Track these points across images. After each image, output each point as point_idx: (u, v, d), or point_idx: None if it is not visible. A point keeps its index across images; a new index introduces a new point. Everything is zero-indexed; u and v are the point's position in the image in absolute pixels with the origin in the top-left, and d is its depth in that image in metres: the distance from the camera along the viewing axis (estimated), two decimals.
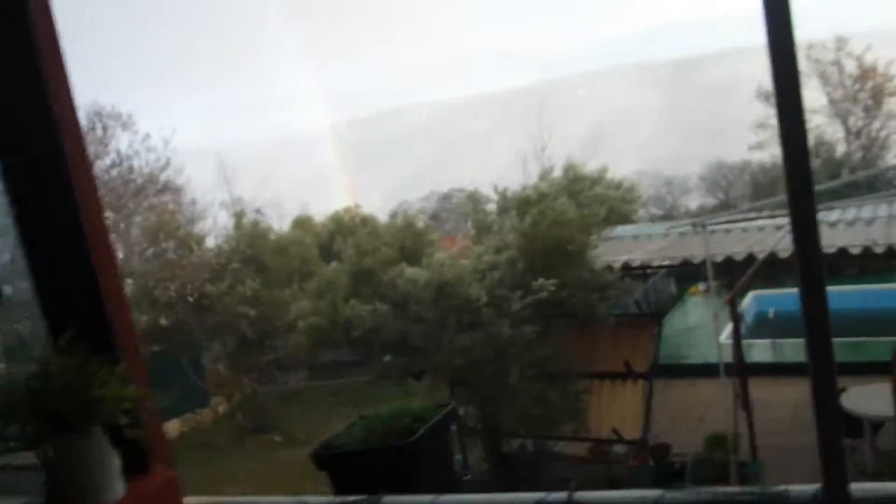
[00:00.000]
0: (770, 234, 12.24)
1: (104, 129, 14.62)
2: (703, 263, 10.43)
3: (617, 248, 12.39)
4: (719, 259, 10.39)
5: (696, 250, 10.99)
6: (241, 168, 36.25)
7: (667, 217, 33.06)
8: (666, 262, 11.23)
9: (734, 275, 10.73)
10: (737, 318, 10.94)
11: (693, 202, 36.86)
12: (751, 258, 10.14)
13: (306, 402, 18.90)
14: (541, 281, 9.45)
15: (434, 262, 9.84)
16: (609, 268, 10.82)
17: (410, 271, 10.06)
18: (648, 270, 15.57)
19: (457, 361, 8.99)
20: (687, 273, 18.25)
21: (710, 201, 35.55)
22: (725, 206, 32.80)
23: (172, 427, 17.51)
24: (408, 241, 12.24)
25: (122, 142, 15.08)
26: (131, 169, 14.78)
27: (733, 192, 34.61)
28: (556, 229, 9.80)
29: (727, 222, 10.72)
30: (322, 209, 38.81)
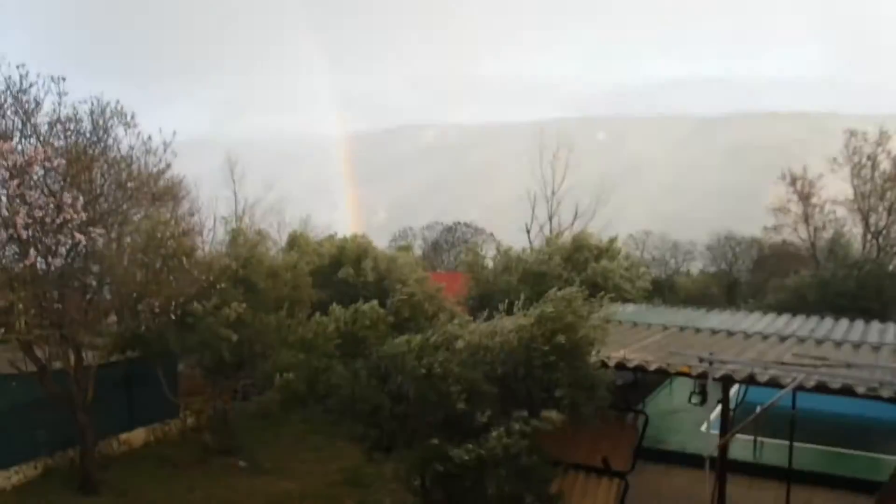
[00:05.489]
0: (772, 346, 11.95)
1: (105, 128, 14.10)
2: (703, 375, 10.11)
3: (614, 335, 11.98)
4: (719, 374, 9.98)
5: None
6: (249, 165, 35.99)
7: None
8: (663, 367, 10.75)
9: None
10: (727, 415, 10.65)
11: (695, 268, 36.60)
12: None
13: (278, 425, 18.45)
14: None
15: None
16: (604, 364, 10.42)
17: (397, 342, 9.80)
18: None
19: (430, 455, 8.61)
20: None
21: (712, 269, 35.23)
22: (727, 276, 32.44)
23: (137, 436, 17.11)
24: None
25: (122, 142, 14.51)
26: (129, 172, 14.27)
27: (738, 266, 34.10)
28: (560, 333, 9.54)
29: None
30: (324, 220, 38.53)
